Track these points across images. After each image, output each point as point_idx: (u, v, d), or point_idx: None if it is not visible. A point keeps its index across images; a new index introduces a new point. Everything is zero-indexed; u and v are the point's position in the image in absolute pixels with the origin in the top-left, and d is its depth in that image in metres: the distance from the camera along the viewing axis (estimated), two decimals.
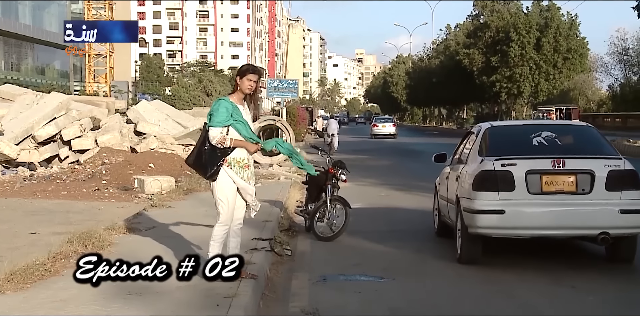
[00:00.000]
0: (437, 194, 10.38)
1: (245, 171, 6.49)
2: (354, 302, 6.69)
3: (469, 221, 7.81)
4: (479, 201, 7.69)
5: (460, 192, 8.29)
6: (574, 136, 8.68)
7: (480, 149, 8.33)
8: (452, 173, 9.14)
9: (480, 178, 7.75)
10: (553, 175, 7.62)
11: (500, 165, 7.69)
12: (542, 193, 7.60)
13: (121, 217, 10.07)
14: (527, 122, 10.87)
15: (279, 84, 35.57)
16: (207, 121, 6.46)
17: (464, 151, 9.08)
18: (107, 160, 16.30)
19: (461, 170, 8.54)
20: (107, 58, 49.15)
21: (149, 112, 23.18)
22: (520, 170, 7.62)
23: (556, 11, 52.05)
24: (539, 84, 51.97)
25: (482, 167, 7.83)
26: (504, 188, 7.61)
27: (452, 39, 67.76)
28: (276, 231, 9.82)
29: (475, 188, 7.77)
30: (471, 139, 9.06)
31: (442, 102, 77.74)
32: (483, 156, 8.09)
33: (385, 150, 35.03)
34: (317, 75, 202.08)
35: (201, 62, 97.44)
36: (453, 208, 8.61)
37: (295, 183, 15.84)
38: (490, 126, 8.97)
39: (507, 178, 7.61)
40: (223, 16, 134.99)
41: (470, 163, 8.32)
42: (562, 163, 7.62)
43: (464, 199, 8.02)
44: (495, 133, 8.74)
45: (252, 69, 6.55)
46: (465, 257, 8.13)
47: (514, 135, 8.77)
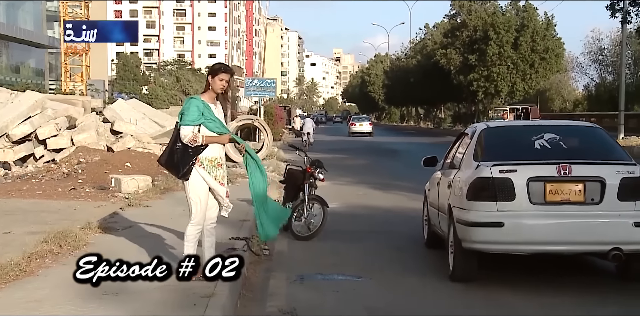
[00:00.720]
0: (426, 201, 9.42)
1: (219, 169, 6.47)
2: (331, 301, 6.69)
3: (463, 234, 6.98)
4: (475, 212, 6.84)
5: (452, 201, 7.43)
6: (580, 139, 7.85)
7: (475, 153, 7.50)
8: (444, 178, 8.23)
9: (475, 186, 6.90)
10: (558, 183, 6.78)
11: (498, 171, 6.83)
12: (545, 203, 6.76)
13: (97, 216, 10.00)
14: (527, 123, 9.58)
15: (256, 83, 35.52)
16: (178, 120, 6.44)
17: (457, 155, 8.18)
18: (83, 159, 16.18)
19: (454, 176, 7.66)
20: (83, 56, 48.78)
21: (126, 111, 23.06)
22: (521, 177, 6.77)
23: (533, 11, 52.43)
24: (516, 83, 52.31)
25: (477, 173, 6.97)
26: (502, 197, 6.77)
27: (429, 39, 68.01)
28: (253, 230, 9.77)
29: (470, 197, 6.92)
30: (465, 141, 8.20)
31: (420, 101, 77.98)
32: (479, 161, 7.21)
33: (362, 149, 35.07)
34: (294, 74, 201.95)
35: (178, 61, 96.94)
36: (445, 218, 7.78)
37: (273, 182, 15.79)
38: (487, 126, 8.05)
39: (506, 186, 6.77)
40: (200, 15, 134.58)
41: (464, 169, 7.45)
42: (568, 169, 6.78)
43: (457, 209, 7.19)
44: (492, 135, 7.84)
45: (225, 68, 6.55)
46: (459, 274, 7.28)
47: (513, 137, 7.88)
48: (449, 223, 7.47)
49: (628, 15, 27.88)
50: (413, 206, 13.45)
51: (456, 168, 7.82)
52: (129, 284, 5.83)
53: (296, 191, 10.37)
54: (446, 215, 7.65)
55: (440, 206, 8.14)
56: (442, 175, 8.45)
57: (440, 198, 8.20)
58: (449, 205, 7.49)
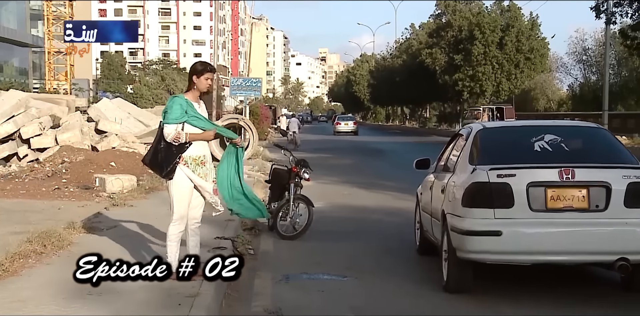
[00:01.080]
0: (418, 205, 8.97)
1: (202, 167, 6.46)
2: (317, 301, 6.68)
3: (458, 243, 6.52)
4: (470, 220, 6.39)
5: (447, 207, 6.95)
6: (583, 140, 7.37)
7: (471, 155, 7.01)
8: (437, 182, 7.74)
9: (471, 191, 6.44)
10: (560, 188, 6.33)
11: (496, 176, 6.36)
12: (546, 210, 6.31)
13: (82, 216, 9.95)
14: (526, 123, 8.83)
15: (242, 82, 35.47)
16: (162, 119, 6.43)
17: (451, 157, 7.71)
18: (68, 159, 16.10)
19: (448, 180, 7.16)
20: (67, 55, 48.51)
21: (111, 110, 22.96)
22: (520, 182, 6.32)
23: (517, 11, 52.66)
24: (501, 83, 52.51)
25: (473, 178, 6.52)
26: (500, 203, 6.32)
27: (414, 39, 68.16)
28: (239, 230, 9.78)
29: (466, 204, 6.46)
30: (459, 143, 7.70)
31: (405, 101, 78.12)
32: (475, 165, 6.76)
33: (348, 149, 35.10)
34: (280, 74, 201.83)
35: (163, 60, 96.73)
36: (438, 225, 7.32)
37: (258, 181, 15.78)
38: (483, 127, 7.54)
39: (504, 191, 6.31)
40: (185, 14, 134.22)
41: (459, 173, 6.99)
42: (571, 174, 6.32)
43: (452, 216, 6.71)
44: (489, 136, 7.38)
45: (210, 67, 6.55)
46: (454, 285, 6.81)
47: (512, 139, 7.38)
48: (443, 230, 7.02)
49: (613, 16, 28.03)
50: (398, 205, 13.49)
51: (450, 171, 7.37)
52: (113, 283, 5.80)
53: (282, 190, 10.36)
54: (439, 222, 7.22)
55: (434, 211, 7.66)
56: (436, 179, 7.95)
57: (434, 203, 7.71)
58: (443, 211, 7.03)
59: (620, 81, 58.21)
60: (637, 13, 26.58)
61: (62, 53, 48.80)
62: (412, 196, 14.70)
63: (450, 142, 8.26)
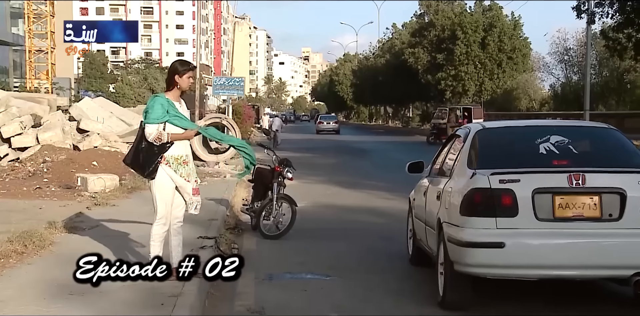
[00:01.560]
0: (411, 211, 8.36)
1: (184, 167, 6.44)
2: (299, 300, 6.68)
3: (456, 256, 5.93)
4: (470, 230, 5.80)
5: (443, 215, 6.35)
6: (593, 142, 6.78)
7: (469, 158, 6.41)
8: (432, 187, 7.15)
9: (470, 198, 5.85)
10: (569, 195, 5.77)
11: (497, 181, 5.78)
12: (554, 219, 5.75)
13: (63, 216, 9.88)
14: (529, 123, 8.11)
15: (224, 81, 35.36)
16: (143, 118, 6.40)
17: (447, 161, 7.13)
18: (49, 158, 15.99)
19: (444, 186, 6.57)
20: (48, 54, 48.22)
21: (93, 109, 22.83)
22: (525, 188, 5.75)
23: (499, 11, 52.88)
24: (483, 83, 52.72)
25: (473, 184, 5.92)
26: (503, 212, 5.75)
27: (397, 38, 68.27)
28: (222, 229, 9.76)
29: (464, 212, 5.87)
30: (456, 145, 7.09)
31: (388, 100, 78.23)
32: (474, 169, 6.14)
33: (331, 148, 35.12)
34: (263, 73, 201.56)
35: (146, 59, 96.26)
36: (433, 235, 6.71)
37: (241, 181, 15.76)
38: (482, 127, 6.93)
39: (507, 198, 5.75)
40: (168, 13, 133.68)
41: (457, 177, 6.38)
42: (581, 179, 5.74)
43: (449, 225, 6.12)
44: (489, 138, 6.76)
45: (191, 66, 6.55)
46: (450, 302, 6.23)
47: (514, 140, 6.75)
48: (439, 241, 6.41)
49: (593, 16, 28.22)
50: (382, 204, 13.54)
51: (447, 175, 6.79)
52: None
53: (265, 190, 10.34)
54: (435, 231, 6.61)
55: (428, 219, 7.08)
56: (430, 183, 7.34)
57: (428, 211, 7.12)
58: (439, 220, 6.43)
59: (601, 80, 58.59)
60: (617, 13, 26.77)
61: (43, 52, 48.51)
62: (395, 195, 14.85)
63: (445, 143, 7.68)
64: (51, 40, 47.88)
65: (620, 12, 26.37)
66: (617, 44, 27.69)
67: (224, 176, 17.16)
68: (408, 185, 16.56)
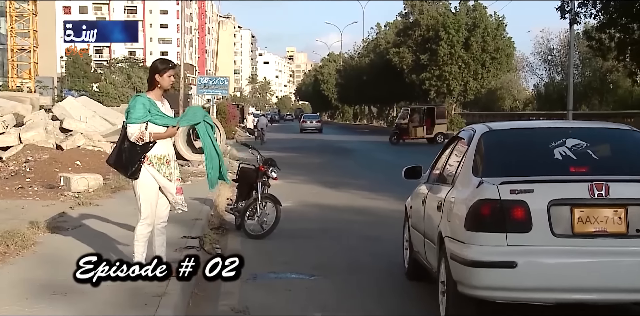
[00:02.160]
0: (408, 220, 7.62)
1: (167, 167, 6.42)
2: (284, 300, 6.68)
3: (461, 276, 5.23)
4: (476, 247, 5.10)
5: (445, 229, 5.63)
6: (614, 146, 5.99)
7: (475, 165, 5.67)
8: (432, 196, 6.43)
9: (477, 211, 5.15)
10: (591, 208, 5.06)
11: (508, 192, 5.08)
12: (573, 235, 5.04)
13: (46, 216, 9.82)
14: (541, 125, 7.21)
15: (209, 81, 35.38)
16: (125, 118, 6.39)
17: (449, 166, 6.44)
18: (32, 157, 15.89)
19: (446, 195, 5.83)
20: (31, 53, 47.94)
21: (76, 108, 22.73)
22: (540, 200, 5.05)
23: (483, 11, 53.06)
24: (468, 82, 52.89)
25: (480, 194, 5.20)
26: (515, 227, 5.05)
27: (382, 38, 68.39)
28: (206, 229, 9.74)
29: (470, 227, 5.17)
30: (459, 148, 6.36)
31: (373, 100, 78.35)
32: (480, 177, 5.42)
33: (315, 148, 35.12)
34: (247, 72, 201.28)
35: (129, 59, 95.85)
36: (433, 249, 6.02)
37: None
38: (488, 129, 6.13)
39: (519, 211, 5.06)
40: (152, 12, 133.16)
41: (461, 186, 5.67)
42: (604, 189, 5.04)
43: (452, 241, 5.41)
44: (497, 141, 6.00)
45: (171, 64, 6.53)
46: None
47: (525, 144, 5.96)
48: (440, 257, 5.72)
49: (577, 16, 28.36)
50: (366, 204, 13.56)
51: (448, 183, 6.08)
52: (79, 284, 5.74)
53: (249, 189, 10.33)
54: (435, 246, 5.91)
55: (427, 231, 6.35)
56: (430, 191, 6.61)
57: (427, 222, 6.39)
58: (440, 234, 5.72)
59: (585, 81, 58.95)
60: (600, 14, 26.92)
61: (26, 50, 48.22)
62: (380, 195, 14.89)
63: (446, 146, 6.97)
64: (34, 39, 47.56)
65: (603, 12, 26.52)
66: (600, 45, 27.84)
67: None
68: (392, 185, 16.64)
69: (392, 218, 11.74)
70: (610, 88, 57.93)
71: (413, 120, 41.95)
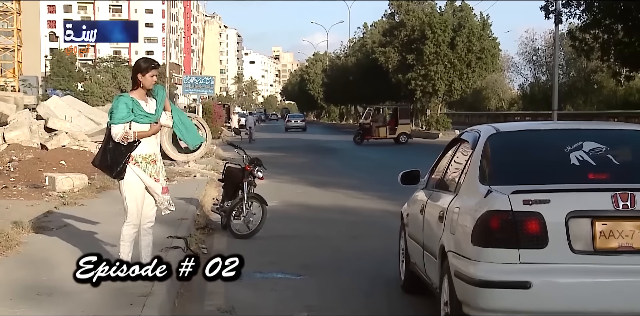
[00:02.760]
0: (404, 229, 7.02)
1: (153, 166, 6.40)
2: (270, 300, 6.67)
3: (466, 296, 4.66)
4: (485, 265, 4.51)
5: (448, 242, 5.04)
6: (635, 150, 5.36)
7: (481, 171, 5.07)
8: (432, 204, 5.82)
9: (486, 224, 4.55)
10: (615, 221, 4.48)
11: (521, 202, 4.48)
12: (595, 251, 4.46)
13: (31, 215, 9.76)
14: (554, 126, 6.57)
15: (195, 80, 35.32)
16: (108, 119, 6.37)
17: (451, 171, 5.87)
18: (16, 157, 15.80)
19: (449, 204, 5.24)
20: (15, 52, 47.66)
21: (61, 108, 22.63)
22: (557, 212, 4.46)
23: (469, 11, 53.23)
24: (453, 82, 53.04)
25: (489, 205, 4.61)
26: (528, 242, 4.46)
27: (368, 38, 68.47)
28: (192, 229, 9.70)
29: (478, 242, 4.57)
30: (462, 152, 5.79)
31: (359, 100, 78.31)
32: (488, 185, 4.85)
33: (301, 147, 35.12)
34: (233, 72, 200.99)
35: (115, 58, 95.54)
36: (434, 264, 5.47)
37: (212, 180, 15.70)
38: (496, 131, 5.53)
39: (534, 224, 4.46)
40: (137, 11, 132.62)
41: (465, 195, 5.10)
42: (630, 199, 4.46)
43: (457, 257, 4.83)
44: (505, 144, 5.40)
45: (154, 64, 6.49)
46: None
47: (537, 148, 5.34)
48: (442, 274, 5.16)
49: (561, 16, 28.52)
50: (352, 204, 13.58)
51: (450, 190, 5.51)
52: (63, 283, 5.71)
53: (235, 189, 10.31)
54: (436, 260, 5.36)
55: (427, 243, 5.79)
56: (429, 199, 6.00)
57: (427, 233, 5.84)
58: (442, 248, 5.15)
59: (569, 81, 59.32)
60: (584, 14, 27.08)
61: (10, 49, 47.94)
62: (365, 194, 14.91)
63: (447, 149, 6.39)
64: (18, 37, 47.28)
65: (587, 12, 26.69)
66: (584, 45, 28.02)
67: (193, 175, 17.07)
68: (377, 184, 16.64)
69: (377, 217, 11.80)
70: (594, 88, 58.35)
71: (377, 120, 41.67)
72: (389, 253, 8.00)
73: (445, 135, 46.71)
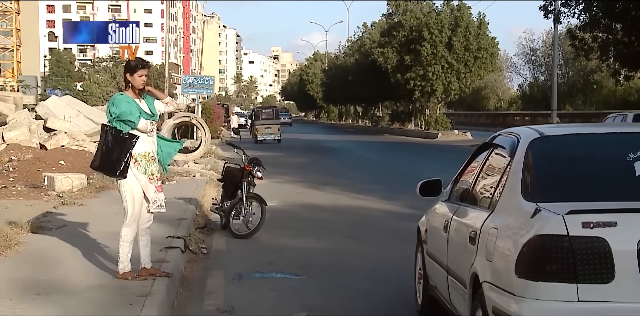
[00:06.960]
0: (422, 246, 6.10)
1: (153, 164, 6.40)
2: (269, 299, 6.67)
3: None
4: (533, 303, 3.60)
5: (483, 271, 4.11)
6: None
7: (524, 184, 4.10)
8: (459, 221, 4.91)
9: (535, 251, 3.61)
10: None
11: (580, 225, 3.55)
12: None
13: (30, 215, 9.76)
14: (608, 130, 4.97)
15: (194, 80, 35.25)
16: (107, 119, 6.39)
17: (482, 182, 4.95)
18: (15, 157, 15.79)
19: (483, 224, 4.30)
20: (14, 52, 47.64)
21: (60, 108, 22.60)
22: (625, 237, 3.54)
23: (466, 11, 53.18)
24: (451, 83, 53.02)
25: (538, 228, 3.65)
26: (589, 275, 3.54)
27: (367, 38, 68.46)
28: (191, 228, 9.70)
29: (525, 273, 3.64)
30: (497, 160, 4.86)
31: (358, 100, 78.39)
32: (535, 201, 3.88)
33: (300, 147, 35.12)
34: (232, 72, 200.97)
35: (114, 58, 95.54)
36: (461, 291, 4.62)
37: (211, 180, 15.70)
38: (540, 135, 4.47)
39: (596, 254, 3.53)
40: (136, 11, 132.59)
41: (505, 213, 4.14)
42: None
43: (496, 290, 3.89)
44: (553, 151, 4.38)
45: (142, 63, 6.50)
46: None
47: (593, 156, 4.32)
48: (474, 307, 4.27)
49: (560, 15, 28.52)
50: (351, 204, 13.59)
51: (484, 206, 4.59)
52: (63, 283, 5.70)
53: (234, 189, 10.31)
54: (466, 289, 4.45)
55: (452, 267, 4.89)
56: (455, 214, 5.08)
57: (453, 255, 4.92)
58: (475, 276, 4.23)
59: (568, 80, 59.40)
60: (583, 13, 27.09)
61: (9, 49, 47.92)
62: (364, 194, 14.92)
63: (475, 155, 5.45)
64: (17, 37, 47.26)
65: (586, 11, 26.69)
66: (583, 45, 28.02)
67: (193, 175, 17.08)
68: (375, 184, 16.64)
69: (376, 217, 11.81)
70: (593, 88, 58.43)
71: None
72: (387, 253, 8.01)
73: (445, 135, 46.74)
